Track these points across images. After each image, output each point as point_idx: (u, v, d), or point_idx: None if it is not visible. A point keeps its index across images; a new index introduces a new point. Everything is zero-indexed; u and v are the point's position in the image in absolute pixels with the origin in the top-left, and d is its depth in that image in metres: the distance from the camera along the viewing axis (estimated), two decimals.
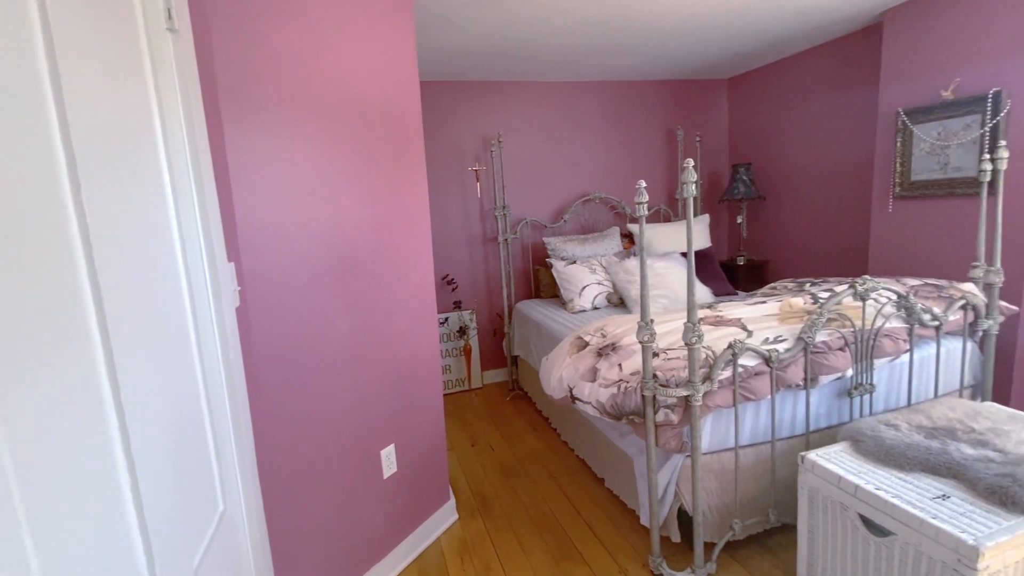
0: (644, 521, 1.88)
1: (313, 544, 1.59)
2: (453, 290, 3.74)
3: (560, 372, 2.07)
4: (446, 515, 2.14)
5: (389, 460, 1.84)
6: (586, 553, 1.92)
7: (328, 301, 1.60)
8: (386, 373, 1.83)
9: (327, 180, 1.59)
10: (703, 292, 3.11)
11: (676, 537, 1.82)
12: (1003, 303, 2.11)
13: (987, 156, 1.96)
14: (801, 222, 3.63)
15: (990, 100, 2.31)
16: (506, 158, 3.74)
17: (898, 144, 2.70)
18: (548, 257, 3.61)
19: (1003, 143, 1.98)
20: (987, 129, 2.33)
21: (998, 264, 2.00)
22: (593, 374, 1.91)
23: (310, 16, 1.51)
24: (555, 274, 3.41)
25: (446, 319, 3.68)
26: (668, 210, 4.08)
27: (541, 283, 3.75)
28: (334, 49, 1.58)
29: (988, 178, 1.98)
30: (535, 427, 3.08)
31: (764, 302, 2.13)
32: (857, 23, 2.93)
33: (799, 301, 2.00)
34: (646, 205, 1.54)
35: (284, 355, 1.48)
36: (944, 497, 1.32)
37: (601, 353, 1.96)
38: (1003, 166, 1.96)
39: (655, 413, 1.66)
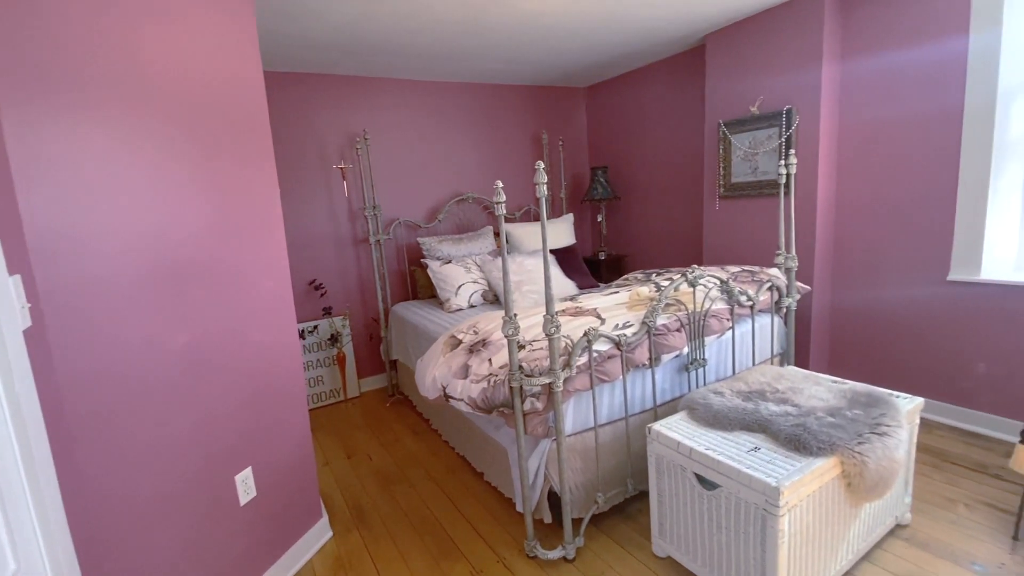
0: (520, 508, 1.96)
1: None
2: (322, 295, 3.53)
3: (434, 372, 2.07)
4: (319, 534, 2.03)
5: (246, 485, 1.68)
6: (465, 548, 1.95)
7: (157, 315, 1.42)
8: (237, 390, 1.67)
9: (153, 179, 1.40)
10: (568, 285, 3.31)
11: (548, 518, 1.92)
12: (799, 284, 2.56)
13: (782, 163, 2.36)
14: (651, 219, 4.04)
15: (784, 115, 2.79)
16: (375, 156, 3.62)
17: (720, 151, 3.14)
18: (423, 257, 3.57)
19: (793, 152, 2.40)
20: (783, 140, 2.81)
21: (793, 252, 2.42)
22: (465, 371, 1.94)
23: None
24: (431, 274, 3.40)
25: (315, 327, 3.47)
26: (537, 209, 4.28)
27: (418, 284, 3.70)
28: (156, 31, 1.40)
29: (784, 181, 2.38)
30: (416, 430, 3.04)
31: (617, 292, 2.34)
32: (687, 43, 3.34)
33: (645, 290, 2.23)
34: (504, 204, 1.60)
35: (101, 380, 1.28)
36: (756, 449, 1.56)
37: (473, 350, 2.00)
38: (793, 171, 2.37)
39: (522, 403, 1.73)
